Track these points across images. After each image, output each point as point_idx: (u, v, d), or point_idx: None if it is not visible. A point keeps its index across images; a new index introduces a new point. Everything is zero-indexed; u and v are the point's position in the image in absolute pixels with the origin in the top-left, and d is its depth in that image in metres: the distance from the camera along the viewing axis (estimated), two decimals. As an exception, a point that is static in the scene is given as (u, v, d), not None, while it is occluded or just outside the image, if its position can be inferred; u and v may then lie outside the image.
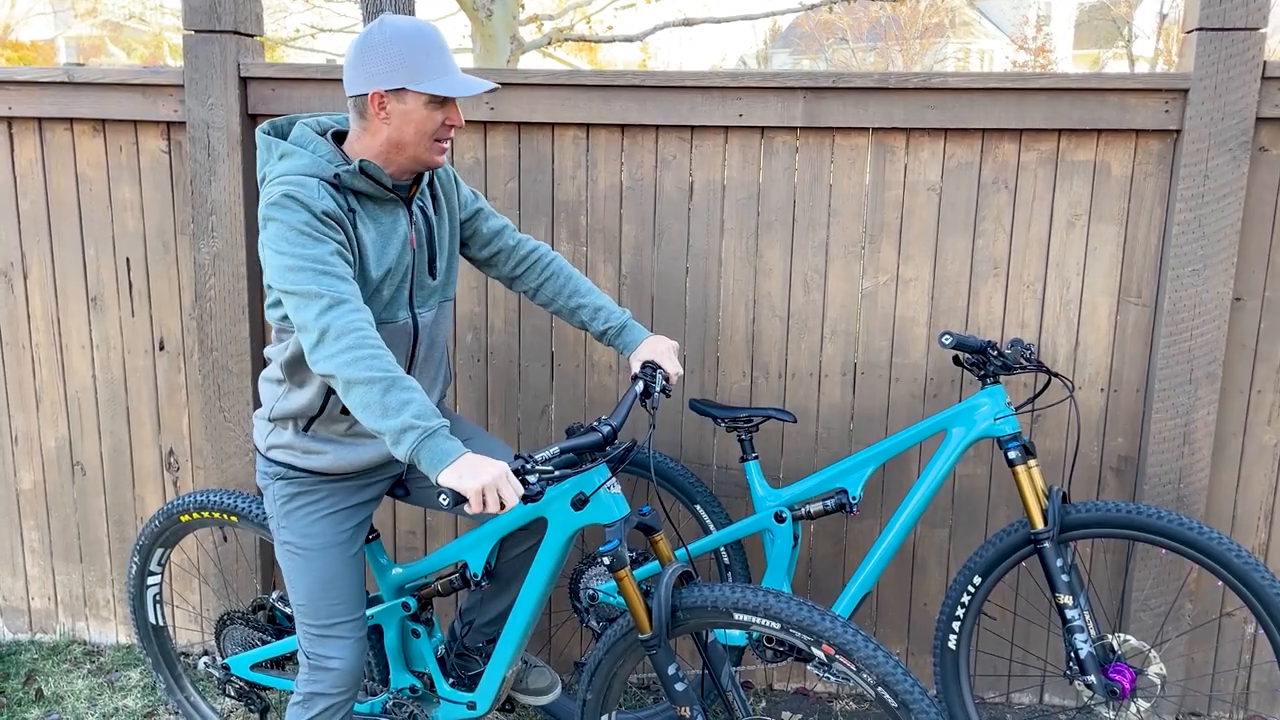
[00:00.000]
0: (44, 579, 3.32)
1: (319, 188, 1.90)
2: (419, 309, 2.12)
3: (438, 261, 2.14)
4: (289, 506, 2.15)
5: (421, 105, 1.93)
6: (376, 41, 1.92)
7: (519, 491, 1.76)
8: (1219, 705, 2.99)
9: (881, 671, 1.85)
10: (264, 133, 2.03)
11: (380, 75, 1.91)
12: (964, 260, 2.83)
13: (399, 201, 2.04)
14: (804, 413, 2.94)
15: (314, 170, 1.92)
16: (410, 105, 1.93)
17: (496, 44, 10.65)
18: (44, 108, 2.97)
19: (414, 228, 2.08)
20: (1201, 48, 2.61)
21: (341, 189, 1.94)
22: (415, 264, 2.09)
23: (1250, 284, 2.77)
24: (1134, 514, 2.42)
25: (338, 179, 1.93)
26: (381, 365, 1.79)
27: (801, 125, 2.77)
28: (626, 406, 2.09)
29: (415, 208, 2.09)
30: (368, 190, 1.97)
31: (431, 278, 2.13)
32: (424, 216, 2.11)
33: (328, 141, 2.01)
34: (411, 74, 1.91)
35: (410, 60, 1.91)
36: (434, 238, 2.13)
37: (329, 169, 1.93)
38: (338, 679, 2.16)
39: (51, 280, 3.11)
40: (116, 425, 3.17)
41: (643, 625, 2.04)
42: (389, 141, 1.97)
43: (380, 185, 1.97)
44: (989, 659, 3.05)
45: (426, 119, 1.95)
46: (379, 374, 1.78)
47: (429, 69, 1.92)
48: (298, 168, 1.92)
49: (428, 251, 2.12)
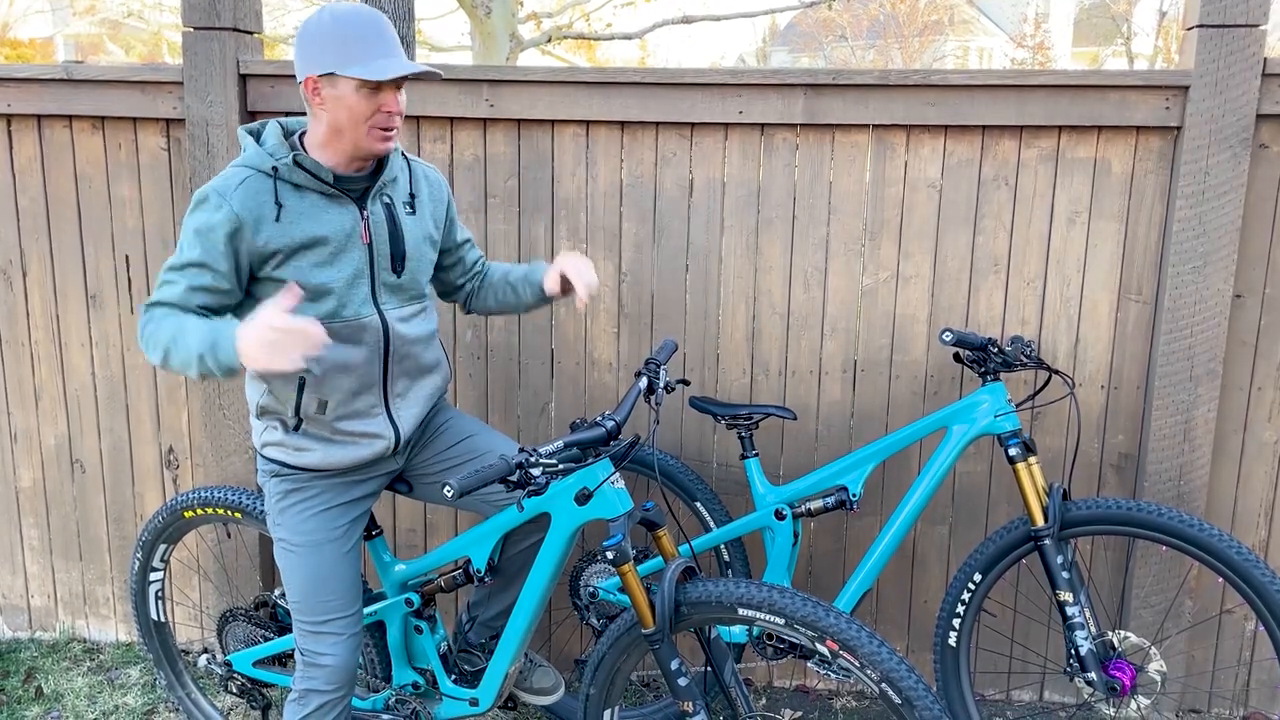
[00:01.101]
0: (44, 577, 3.32)
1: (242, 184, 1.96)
2: (385, 306, 2.12)
3: (407, 261, 2.13)
4: (283, 503, 2.16)
5: (352, 90, 1.94)
6: (313, 28, 1.94)
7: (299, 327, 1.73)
8: (1219, 702, 2.99)
9: (885, 668, 1.86)
10: (244, 131, 2.09)
11: (313, 61, 1.94)
12: (964, 257, 2.83)
13: (344, 195, 2.04)
14: (804, 410, 2.94)
15: (255, 163, 1.98)
16: (341, 90, 1.94)
17: (496, 41, 10.65)
18: (43, 105, 2.96)
19: (367, 222, 2.07)
20: (1202, 45, 2.61)
21: (279, 180, 1.98)
22: (375, 259, 2.08)
23: (1250, 281, 2.77)
24: (1134, 511, 2.42)
25: (275, 170, 1.97)
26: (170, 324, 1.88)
27: (802, 122, 2.77)
28: (630, 402, 2.10)
29: (378, 203, 2.09)
30: (309, 183, 2.00)
31: (395, 275, 2.12)
32: (388, 213, 2.10)
33: (281, 138, 2.05)
34: (340, 59, 1.91)
35: (340, 45, 1.91)
36: (400, 235, 2.12)
37: (268, 161, 1.98)
38: (330, 675, 2.16)
39: (51, 278, 3.10)
40: (116, 423, 3.17)
41: (646, 620, 2.04)
42: (329, 128, 1.99)
43: (318, 179, 2.00)
44: (989, 656, 3.05)
45: (358, 103, 1.94)
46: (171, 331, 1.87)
47: (358, 54, 1.91)
48: (242, 160, 2.01)
49: (390, 247, 2.11)
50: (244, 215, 1.94)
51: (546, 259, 2.91)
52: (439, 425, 2.33)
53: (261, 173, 1.98)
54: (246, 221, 1.94)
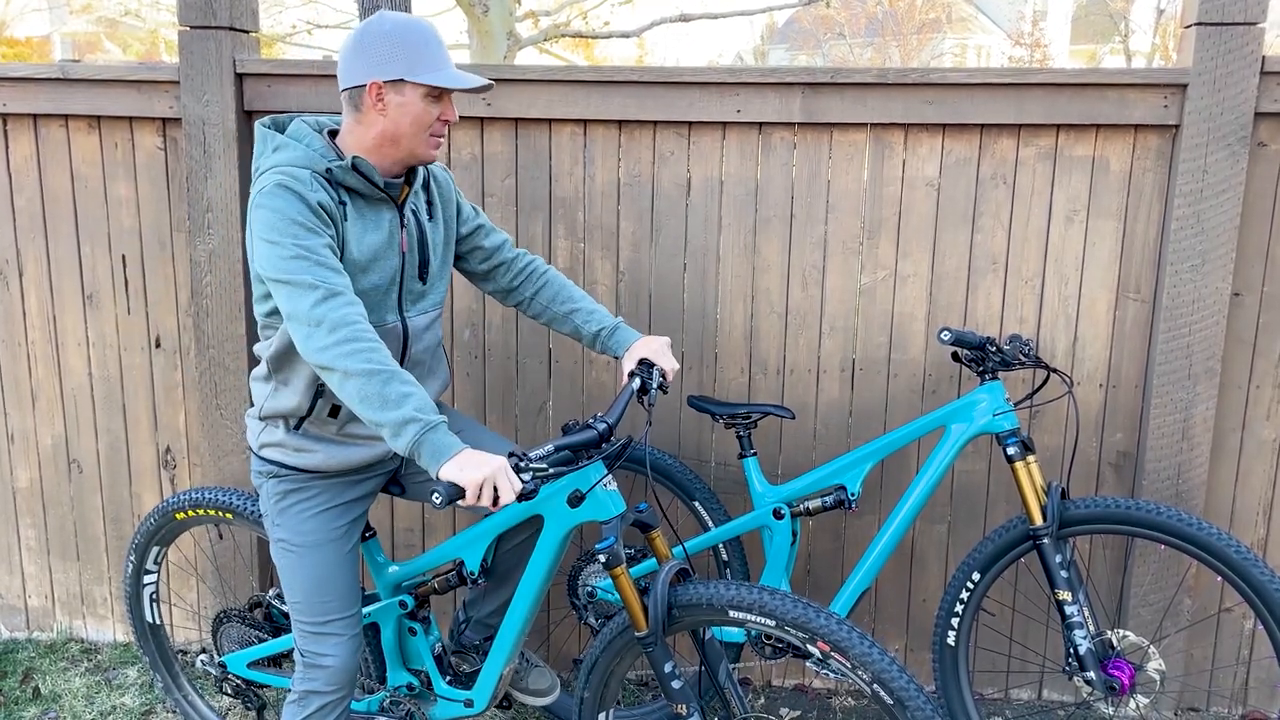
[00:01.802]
0: (41, 577, 3.32)
1: (311, 179, 1.91)
2: (408, 313, 2.12)
3: (430, 267, 2.14)
4: (282, 504, 2.15)
5: (419, 98, 1.95)
6: (375, 33, 1.93)
7: (516, 487, 1.76)
8: (1218, 700, 2.99)
9: (877, 669, 1.85)
10: (264, 126, 2.04)
11: (379, 66, 1.92)
12: (962, 256, 2.83)
13: (388, 201, 2.04)
14: (802, 409, 2.94)
15: (307, 163, 1.93)
16: (408, 97, 1.94)
17: (493, 40, 10.64)
18: (39, 104, 2.95)
19: (405, 230, 2.07)
20: (1200, 43, 2.61)
21: (333, 184, 1.95)
22: (405, 267, 2.09)
23: (1249, 279, 2.76)
24: (1133, 510, 2.42)
25: (329, 173, 1.94)
26: (379, 358, 1.79)
27: (799, 121, 2.76)
28: (623, 403, 2.09)
29: (408, 211, 2.09)
30: (358, 187, 1.97)
31: (421, 283, 2.13)
32: (416, 220, 2.11)
33: (322, 137, 2.02)
34: (409, 66, 1.92)
35: (408, 52, 1.92)
36: (426, 243, 2.12)
37: (321, 163, 1.94)
38: (331, 676, 2.16)
39: (47, 277, 3.10)
40: (113, 423, 3.16)
41: (639, 623, 2.03)
42: (383, 135, 1.97)
43: (371, 183, 1.97)
44: (988, 655, 3.05)
45: (423, 112, 1.96)
46: (378, 366, 1.77)
47: (427, 61, 1.93)
48: (291, 160, 1.93)
49: (419, 255, 2.11)
50: (328, 207, 1.91)
51: (544, 257, 2.90)
52: None
53: (317, 174, 1.93)
54: (333, 214, 1.91)
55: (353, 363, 1.77)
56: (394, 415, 1.75)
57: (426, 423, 1.76)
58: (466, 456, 1.74)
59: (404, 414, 1.75)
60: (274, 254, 1.84)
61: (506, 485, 1.74)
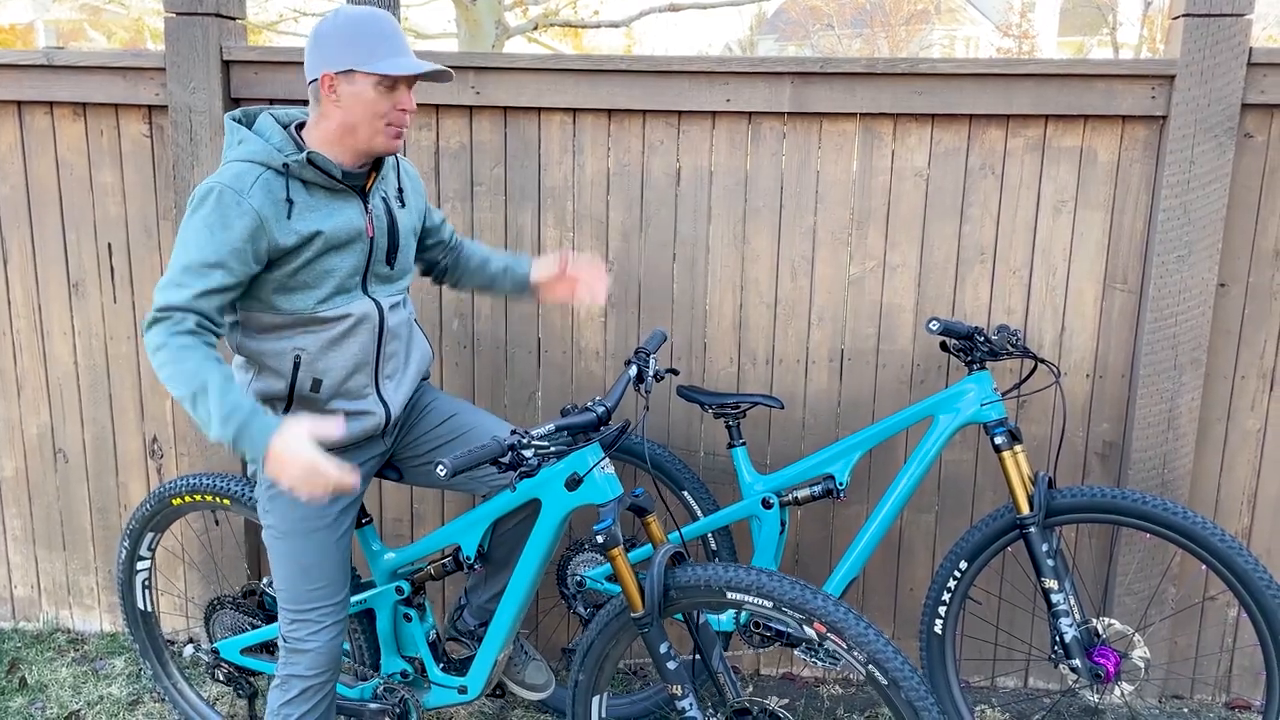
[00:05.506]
0: (27, 566, 3.30)
1: (257, 180, 1.95)
2: (376, 296, 2.15)
3: (398, 253, 2.18)
4: (273, 490, 2.16)
5: (370, 87, 1.97)
6: (329, 26, 1.98)
7: (333, 476, 1.82)
8: (1202, 688, 3.02)
9: (872, 649, 1.87)
10: (232, 119, 2.08)
11: (330, 58, 1.96)
12: (951, 246, 2.83)
13: (350, 191, 2.07)
14: (791, 399, 2.95)
15: (264, 158, 1.98)
16: (359, 87, 1.97)
17: (482, 29, 10.60)
18: (23, 91, 2.93)
19: (371, 217, 2.10)
20: (1188, 34, 2.62)
21: (290, 177, 1.99)
22: (372, 253, 2.11)
23: (1235, 270, 2.78)
24: (1119, 499, 2.44)
25: (286, 167, 1.98)
26: (190, 376, 1.88)
27: (789, 111, 2.76)
28: (621, 388, 2.11)
29: (377, 198, 2.12)
30: (317, 180, 2.01)
31: (389, 266, 2.16)
32: (386, 207, 2.14)
33: (287, 131, 2.05)
34: (359, 56, 1.95)
35: (359, 43, 1.95)
36: (397, 229, 2.16)
37: (279, 157, 1.98)
38: (313, 661, 2.18)
39: (32, 266, 3.07)
40: (99, 412, 3.15)
41: (635, 604, 2.06)
42: (341, 125, 2.00)
43: (329, 175, 2.01)
44: (974, 643, 3.07)
45: (375, 101, 1.98)
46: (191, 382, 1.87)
47: (377, 51, 1.96)
48: (248, 154, 1.99)
49: (388, 240, 2.15)
50: (264, 214, 1.94)
51: (532, 247, 2.90)
52: (424, 406, 2.35)
53: (272, 169, 1.98)
54: (267, 220, 1.95)
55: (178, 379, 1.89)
56: (210, 425, 1.86)
57: (238, 425, 1.85)
58: (281, 450, 1.82)
59: (213, 417, 1.86)
60: (178, 258, 1.93)
61: (321, 483, 1.83)
